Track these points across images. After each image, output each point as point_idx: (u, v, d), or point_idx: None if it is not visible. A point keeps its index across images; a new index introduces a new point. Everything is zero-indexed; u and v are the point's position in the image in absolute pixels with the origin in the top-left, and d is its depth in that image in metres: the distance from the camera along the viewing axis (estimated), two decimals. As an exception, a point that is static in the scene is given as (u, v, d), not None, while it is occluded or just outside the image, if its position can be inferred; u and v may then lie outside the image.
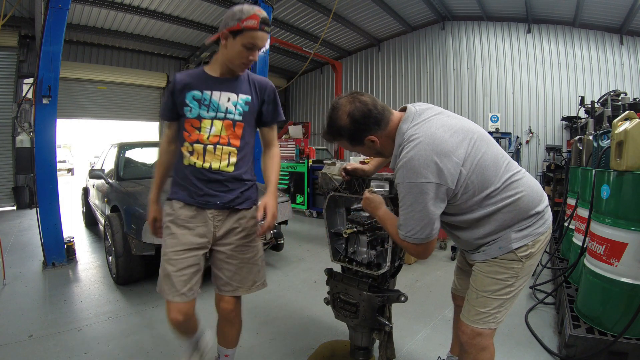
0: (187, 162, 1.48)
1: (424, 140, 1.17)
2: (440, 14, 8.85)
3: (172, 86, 1.50)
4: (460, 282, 1.67)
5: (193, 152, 1.47)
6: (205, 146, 1.46)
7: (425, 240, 1.22)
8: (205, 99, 1.46)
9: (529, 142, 7.97)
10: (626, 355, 1.88)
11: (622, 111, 3.23)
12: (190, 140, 1.46)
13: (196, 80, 1.48)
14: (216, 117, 1.46)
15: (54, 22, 3.41)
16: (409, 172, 1.16)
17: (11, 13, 4.69)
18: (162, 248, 1.49)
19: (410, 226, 1.21)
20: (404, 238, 1.24)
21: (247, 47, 1.37)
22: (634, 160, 1.87)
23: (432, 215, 1.18)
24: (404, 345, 2.23)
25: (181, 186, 1.50)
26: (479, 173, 1.20)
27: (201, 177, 1.47)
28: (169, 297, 1.44)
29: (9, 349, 2.14)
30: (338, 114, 1.27)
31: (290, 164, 6.90)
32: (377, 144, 1.30)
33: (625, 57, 7.14)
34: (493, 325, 1.31)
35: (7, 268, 3.39)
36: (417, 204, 1.16)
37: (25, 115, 6.51)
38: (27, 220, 6.03)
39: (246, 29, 1.33)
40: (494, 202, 1.22)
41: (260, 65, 5.32)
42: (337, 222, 1.87)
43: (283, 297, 2.98)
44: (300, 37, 9.53)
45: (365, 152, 1.38)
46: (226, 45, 1.39)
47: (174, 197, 1.52)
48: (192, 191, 1.48)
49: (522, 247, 1.25)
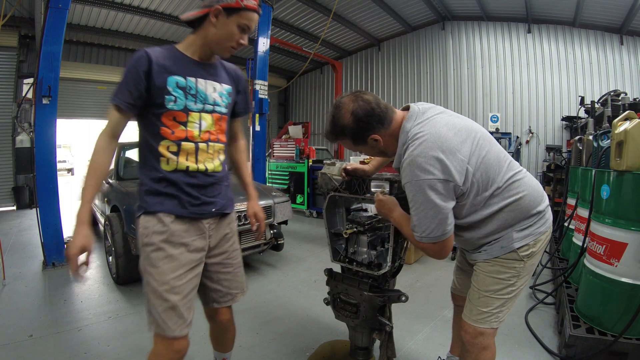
0: (174, 165, 1.24)
1: (428, 138, 1.16)
2: (440, 14, 8.85)
3: (146, 64, 1.18)
4: (460, 282, 1.67)
5: (179, 153, 1.24)
6: (197, 144, 1.27)
7: (442, 238, 1.20)
8: (191, 88, 1.25)
9: (529, 142, 7.97)
10: (626, 355, 1.88)
11: (622, 111, 3.23)
12: (174, 138, 1.23)
13: (175, 62, 1.23)
14: (204, 110, 1.28)
15: (54, 22, 3.41)
16: (416, 170, 1.14)
17: (11, 13, 4.69)
18: (156, 276, 1.20)
19: (425, 226, 1.18)
20: (420, 239, 1.22)
21: (242, 28, 1.22)
22: (634, 160, 1.87)
23: (444, 211, 1.17)
24: (404, 345, 2.23)
25: (166, 195, 1.24)
26: (484, 171, 1.20)
27: (195, 183, 1.27)
28: (177, 333, 1.21)
29: (9, 349, 2.14)
30: (341, 113, 1.26)
31: (290, 164, 6.90)
32: (380, 143, 1.29)
33: (625, 57, 7.14)
34: (495, 325, 1.31)
35: (7, 268, 3.39)
36: (428, 202, 1.15)
37: (25, 115, 6.50)
38: (27, 220, 6.03)
39: (246, 9, 1.20)
40: (496, 202, 1.23)
41: (260, 65, 5.33)
42: (337, 222, 1.87)
43: (283, 297, 2.98)
44: (300, 37, 9.53)
45: (368, 151, 1.37)
46: (216, 23, 1.20)
47: (160, 209, 1.23)
48: (185, 200, 1.26)
49: (524, 246, 1.25)
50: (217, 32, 1.22)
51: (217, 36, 1.22)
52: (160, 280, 1.20)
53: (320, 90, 12.42)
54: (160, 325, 1.21)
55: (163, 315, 1.20)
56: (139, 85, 1.18)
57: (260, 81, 5.30)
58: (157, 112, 1.22)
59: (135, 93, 1.18)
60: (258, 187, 3.98)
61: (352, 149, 1.37)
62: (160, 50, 1.23)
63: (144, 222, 1.24)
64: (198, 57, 1.28)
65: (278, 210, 3.63)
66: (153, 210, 1.24)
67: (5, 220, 6.16)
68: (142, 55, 1.19)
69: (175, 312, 1.20)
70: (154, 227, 1.23)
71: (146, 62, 1.18)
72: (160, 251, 1.22)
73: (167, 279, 1.20)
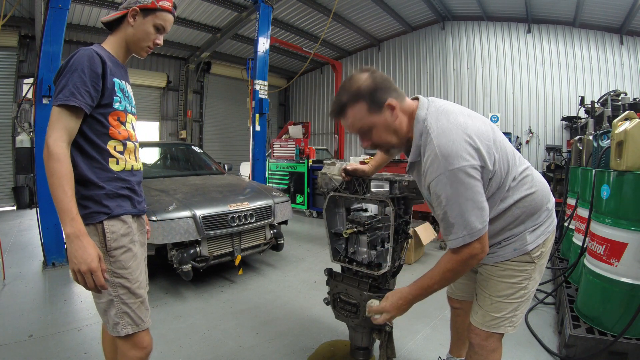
0: (122, 165, 1.27)
1: (449, 126, 1.09)
2: (440, 14, 8.85)
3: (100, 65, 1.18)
4: (457, 285, 1.63)
5: (124, 152, 1.28)
6: (134, 144, 1.34)
7: (483, 232, 1.07)
8: (123, 90, 1.29)
9: (529, 142, 7.97)
10: (626, 355, 1.88)
11: (622, 111, 3.23)
12: (121, 138, 1.26)
13: (113, 64, 1.26)
14: (132, 112, 1.34)
15: (54, 22, 3.41)
16: (448, 159, 1.05)
17: (11, 13, 4.69)
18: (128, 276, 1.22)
19: (466, 221, 1.06)
20: (464, 242, 1.07)
21: (158, 28, 1.28)
22: (634, 160, 1.87)
23: (482, 199, 1.07)
24: (404, 345, 2.23)
25: (123, 196, 1.26)
26: (504, 158, 1.15)
27: (137, 181, 1.34)
28: (148, 324, 1.29)
29: (9, 349, 2.14)
30: (356, 78, 1.17)
31: (290, 164, 6.90)
32: (395, 113, 1.17)
33: (625, 57, 7.14)
34: (510, 330, 1.28)
35: (7, 268, 3.39)
36: (467, 191, 1.05)
37: (25, 115, 6.49)
38: (27, 220, 6.02)
39: (161, 9, 1.26)
40: (511, 194, 1.19)
41: (260, 65, 5.33)
42: (337, 222, 1.87)
43: (283, 297, 2.98)
44: (300, 37, 9.53)
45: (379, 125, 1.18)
46: (133, 24, 1.25)
47: (123, 211, 1.25)
48: (135, 199, 1.31)
49: (536, 247, 1.24)
50: (134, 33, 1.26)
51: (135, 36, 1.27)
52: (133, 279, 1.25)
53: (320, 90, 12.42)
54: (136, 322, 1.25)
55: (137, 312, 1.25)
56: (97, 86, 1.17)
57: (260, 81, 5.30)
58: (104, 112, 1.22)
59: (94, 94, 1.17)
60: (258, 187, 3.98)
61: (360, 122, 1.18)
62: (103, 51, 1.23)
63: (110, 226, 1.21)
64: (121, 59, 1.32)
65: (278, 210, 3.63)
66: (116, 214, 1.23)
67: (5, 220, 6.15)
68: (94, 55, 1.17)
69: (144, 305, 1.28)
70: (120, 229, 1.23)
71: (100, 63, 1.18)
72: (129, 252, 1.25)
73: (136, 276, 1.26)
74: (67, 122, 1.12)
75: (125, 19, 1.25)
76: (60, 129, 1.11)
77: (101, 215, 1.20)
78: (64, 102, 1.11)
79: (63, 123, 1.12)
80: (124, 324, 1.23)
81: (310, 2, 7.95)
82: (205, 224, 2.98)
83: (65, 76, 1.13)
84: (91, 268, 1.07)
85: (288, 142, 7.07)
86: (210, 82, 11.06)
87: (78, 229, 1.08)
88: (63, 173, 1.08)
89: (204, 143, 10.98)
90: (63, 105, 1.11)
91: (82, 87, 1.13)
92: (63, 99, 1.10)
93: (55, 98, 1.12)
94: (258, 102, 5.24)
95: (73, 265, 1.07)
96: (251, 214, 3.31)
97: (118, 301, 1.22)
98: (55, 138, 1.09)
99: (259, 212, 3.41)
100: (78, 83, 1.13)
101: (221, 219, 3.09)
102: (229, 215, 3.14)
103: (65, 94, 1.11)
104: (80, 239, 1.07)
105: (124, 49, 1.30)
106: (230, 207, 3.17)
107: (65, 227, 1.07)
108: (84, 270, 1.07)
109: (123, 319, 1.22)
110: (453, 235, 1.08)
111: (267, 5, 5.35)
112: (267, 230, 3.57)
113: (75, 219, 1.08)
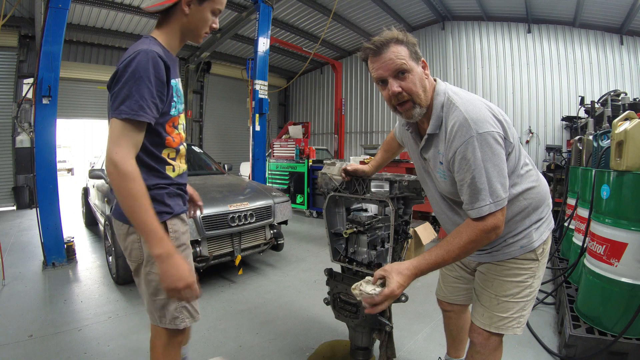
0: (178, 171, 1.26)
1: (472, 98, 1.14)
2: (440, 14, 8.85)
3: (164, 70, 1.08)
4: (449, 289, 1.59)
5: (176, 158, 1.25)
6: (184, 147, 1.29)
7: (505, 203, 1.07)
8: (178, 90, 1.21)
9: (529, 142, 7.97)
10: (626, 355, 1.88)
11: (622, 111, 3.23)
12: (175, 145, 1.21)
13: (172, 63, 1.15)
14: (183, 111, 1.26)
15: (54, 22, 3.41)
16: (477, 123, 1.05)
17: (11, 13, 4.68)
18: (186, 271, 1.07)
19: (494, 186, 1.04)
20: (489, 210, 1.04)
21: (215, 13, 1.21)
22: (634, 160, 1.87)
23: (506, 170, 1.08)
24: (404, 345, 2.23)
25: (178, 196, 1.27)
26: (517, 138, 1.17)
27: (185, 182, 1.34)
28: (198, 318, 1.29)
29: (9, 349, 2.14)
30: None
31: (290, 164, 6.90)
32: (427, 72, 1.20)
33: (625, 57, 7.14)
34: (518, 331, 1.27)
35: (7, 268, 3.39)
36: (495, 156, 1.04)
37: (25, 115, 6.51)
38: (27, 220, 6.03)
39: None
40: (519, 182, 1.19)
41: (260, 65, 5.33)
42: (337, 222, 1.87)
43: (283, 297, 2.98)
44: (300, 37, 9.53)
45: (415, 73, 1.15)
46: (189, 11, 1.15)
47: (182, 210, 1.28)
48: (185, 198, 1.33)
49: (540, 245, 1.25)
50: (191, 21, 1.17)
51: (192, 24, 1.18)
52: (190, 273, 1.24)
53: (320, 90, 12.42)
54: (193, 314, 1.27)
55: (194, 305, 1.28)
56: (163, 96, 1.09)
57: (260, 81, 5.29)
58: (162, 122, 1.14)
59: (160, 106, 1.08)
60: (258, 187, 3.98)
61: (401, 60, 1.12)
62: (161, 49, 1.13)
63: (172, 225, 1.21)
64: (175, 50, 1.22)
65: (278, 210, 3.63)
66: (178, 212, 1.24)
67: (5, 220, 6.16)
68: (158, 60, 1.06)
69: None
70: (181, 228, 1.25)
71: (164, 68, 1.08)
72: (188, 248, 1.29)
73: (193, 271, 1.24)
74: (133, 138, 1.04)
75: (179, 8, 1.14)
76: (128, 145, 1.02)
77: (164, 215, 1.19)
78: (132, 116, 1.01)
79: (130, 139, 1.03)
80: (183, 318, 1.24)
81: (310, 2, 7.96)
82: (205, 224, 2.99)
83: (127, 84, 1.01)
84: (189, 283, 1.05)
85: (288, 142, 7.07)
86: (210, 82, 11.06)
87: (168, 249, 1.03)
88: (141, 192, 1.01)
89: (204, 143, 10.98)
90: (129, 120, 1.01)
91: (150, 99, 1.04)
92: (130, 112, 1.00)
93: (118, 109, 1.01)
94: (258, 102, 5.24)
95: (169, 284, 1.04)
96: (251, 214, 3.31)
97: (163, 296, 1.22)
98: (122, 155, 1.00)
99: (259, 212, 3.42)
100: (146, 94, 1.02)
101: (221, 219, 3.09)
102: (229, 215, 3.14)
103: (132, 107, 1.01)
104: (172, 258, 1.03)
105: (178, 39, 1.21)
106: (230, 207, 3.17)
107: (154, 248, 1.02)
108: (182, 287, 1.04)
109: (182, 313, 1.24)
110: (480, 203, 1.04)
111: (267, 5, 5.35)
112: (267, 230, 3.57)
113: (163, 239, 1.03)
